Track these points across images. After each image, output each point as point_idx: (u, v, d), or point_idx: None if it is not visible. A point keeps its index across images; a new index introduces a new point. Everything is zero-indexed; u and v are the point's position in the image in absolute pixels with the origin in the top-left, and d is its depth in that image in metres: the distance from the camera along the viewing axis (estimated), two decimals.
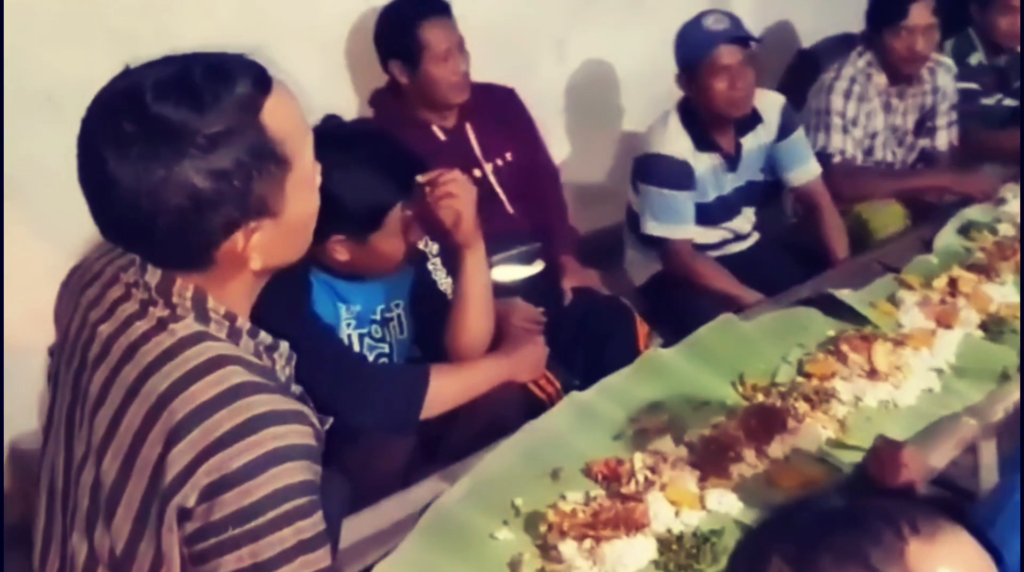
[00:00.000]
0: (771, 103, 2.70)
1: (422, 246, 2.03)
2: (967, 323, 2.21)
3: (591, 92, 3.32)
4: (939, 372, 2.06)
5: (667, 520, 1.62)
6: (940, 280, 2.37)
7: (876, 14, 2.97)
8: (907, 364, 2.04)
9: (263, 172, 1.04)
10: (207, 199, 1.01)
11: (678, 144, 2.58)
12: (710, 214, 2.71)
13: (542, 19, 3.09)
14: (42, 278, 1.39)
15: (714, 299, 2.55)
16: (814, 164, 2.80)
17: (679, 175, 2.58)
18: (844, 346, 2.08)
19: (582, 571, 1.53)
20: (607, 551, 1.54)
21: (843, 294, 2.28)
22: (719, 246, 2.80)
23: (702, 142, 2.61)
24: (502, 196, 2.66)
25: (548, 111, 3.12)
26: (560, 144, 3.26)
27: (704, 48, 2.49)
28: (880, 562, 0.75)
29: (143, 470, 1.03)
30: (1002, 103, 3.37)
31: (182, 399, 1.02)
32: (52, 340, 1.24)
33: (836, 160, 2.90)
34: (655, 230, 2.63)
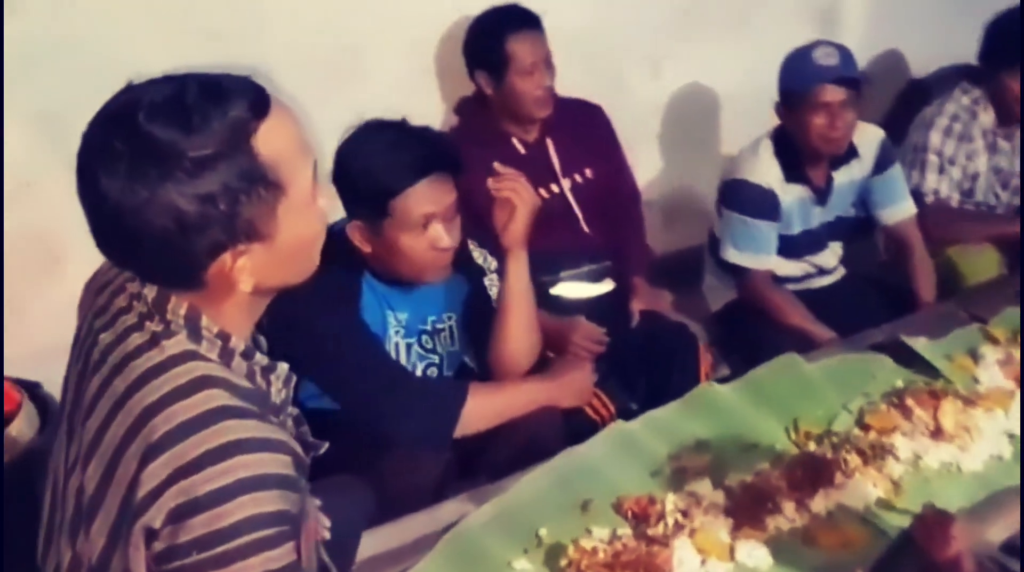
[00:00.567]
0: (870, 137, 2.59)
1: (480, 261, 2.02)
2: None
3: (684, 111, 3.25)
4: (1011, 437, 1.94)
5: (691, 569, 1.57)
6: None
7: (994, 53, 2.81)
8: (977, 426, 1.92)
9: (252, 196, 1.03)
10: (192, 222, 1.01)
11: (767, 173, 2.50)
12: (794, 247, 2.62)
13: (639, 35, 3.03)
14: None
15: (787, 333, 2.48)
16: (909, 203, 2.67)
17: (764, 204, 2.50)
18: (910, 400, 1.98)
19: None
20: None
21: (918, 344, 2.17)
22: (801, 280, 2.71)
23: (792, 173, 2.53)
24: (577, 213, 2.64)
25: (639, 128, 3.07)
26: (649, 162, 3.21)
27: (808, 82, 2.39)
28: None
29: (120, 484, 1.04)
30: None
31: (162, 417, 1.03)
32: None
33: (929, 200, 2.77)
34: (734, 258, 2.57)
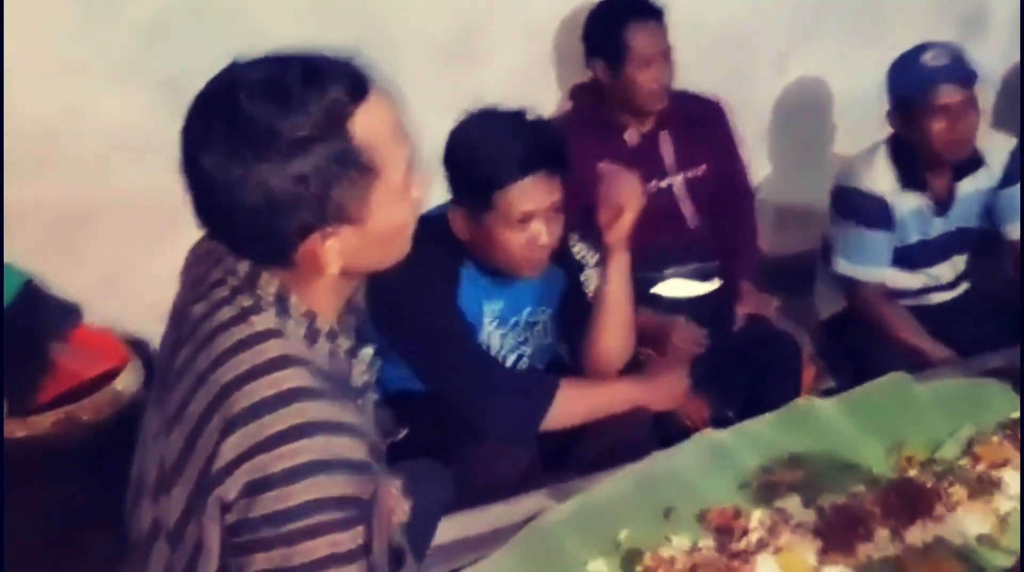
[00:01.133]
0: (998, 146, 2.46)
1: (579, 255, 1.99)
2: None
3: (807, 109, 3.14)
4: None
5: None
6: None
7: None
8: None
9: (344, 179, 1.04)
10: (283, 202, 1.02)
11: (881, 181, 2.39)
12: (910, 258, 2.51)
13: (766, 29, 2.94)
14: None
15: (898, 350, 2.38)
16: None
17: (877, 214, 2.40)
18: None
19: None
20: None
21: None
22: (918, 294, 2.59)
23: (909, 181, 2.41)
24: (685, 210, 2.58)
25: (759, 125, 2.99)
26: (765, 160, 3.11)
27: (922, 86, 2.28)
28: None
29: (200, 455, 1.06)
30: None
31: (241, 393, 1.04)
32: None
33: None
34: (845, 269, 2.47)
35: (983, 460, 1.82)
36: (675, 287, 2.53)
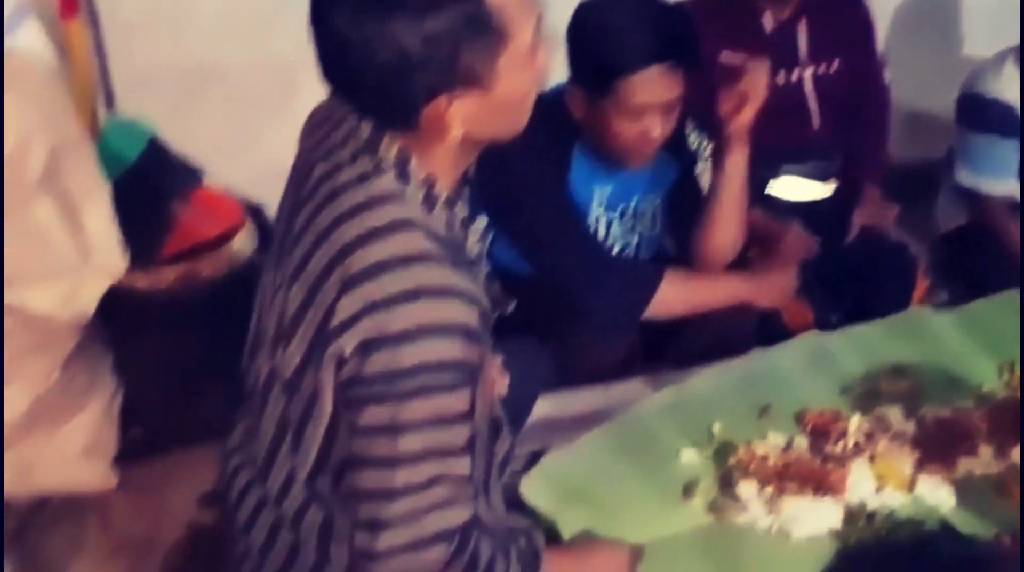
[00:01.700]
0: None
1: (694, 146, 1.95)
2: None
3: (949, 8, 2.96)
4: None
5: (865, 493, 1.50)
6: None
7: None
8: None
9: (475, 42, 1.04)
10: (412, 61, 1.02)
11: (1010, 88, 2.27)
12: None
13: None
14: None
15: (1020, 268, 2.28)
16: None
17: (1005, 122, 2.28)
18: None
19: (755, 517, 1.47)
20: (787, 505, 1.47)
21: None
22: None
23: None
24: (812, 106, 2.47)
25: (887, 22, 2.82)
26: (901, 60, 2.95)
27: None
28: None
29: (318, 310, 1.09)
30: None
31: (360, 253, 1.06)
32: None
33: None
34: (968, 181, 2.38)
35: None
36: (791, 186, 2.44)
